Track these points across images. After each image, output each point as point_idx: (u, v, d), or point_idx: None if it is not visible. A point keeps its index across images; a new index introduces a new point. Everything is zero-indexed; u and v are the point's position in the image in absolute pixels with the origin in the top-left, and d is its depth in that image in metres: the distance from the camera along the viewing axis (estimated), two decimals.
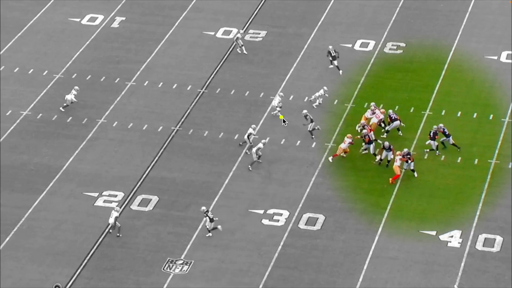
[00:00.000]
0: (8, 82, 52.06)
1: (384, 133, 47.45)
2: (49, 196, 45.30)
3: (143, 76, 52.72)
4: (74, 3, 58.60)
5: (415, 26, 56.32)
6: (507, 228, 42.85)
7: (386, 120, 47.59)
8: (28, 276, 41.20)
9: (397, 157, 44.99)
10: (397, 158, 44.97)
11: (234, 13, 57.50)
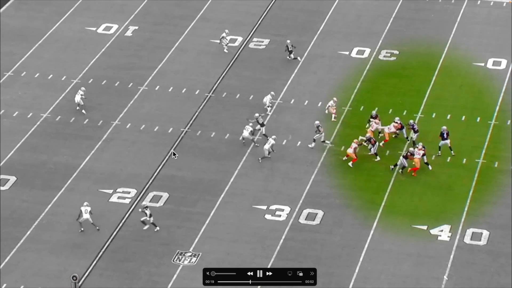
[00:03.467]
0: (29, 87, 52.12)
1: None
2: (67, 192, 45.31)
3: (155, 81, 52.72)
4: (90, 14, 58.64)
5: (408, 35, 56.30)
6: (493, 223, 42.82)
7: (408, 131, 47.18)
8: (47, 267, 41.23)
9: (419, 151, 44.84)
10: (419, 152, 44.84)
11: (239, 23, 57.51)
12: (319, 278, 40.15)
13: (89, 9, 59.04)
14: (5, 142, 48.39)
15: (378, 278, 40.35)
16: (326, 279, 40.39)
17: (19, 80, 52.97)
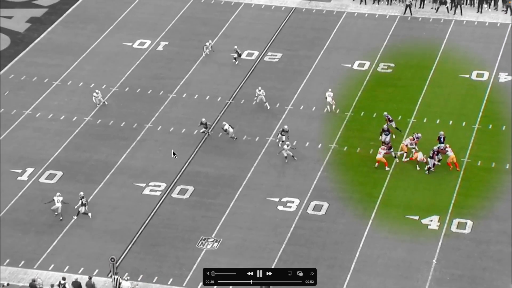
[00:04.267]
0: (74, 94, 52.28)
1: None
2: (106, 186, 45.37)
3: (182, 90, 52.75)
4: (127, 31, 58.76)
5: (403, 50, 56.13)
6: (476, 214, 42.68)
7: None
8: (89, 250, 41.31)
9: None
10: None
11: (255, 39, 57.49)
12: (325, 261, 40.32)
13: (126, 27, 59.18)
14: (54, 142, 48.54)
15: (375, 262, 40.25)
16: (330, 262, 40.33)
17: (65, 88, 53.10)
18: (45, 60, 55.75)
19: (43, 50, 56.93)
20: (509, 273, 39.56)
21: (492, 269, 39.80)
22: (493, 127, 48.82)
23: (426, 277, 39.46)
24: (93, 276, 39.10)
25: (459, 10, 59.42)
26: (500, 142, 47.63)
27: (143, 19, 60.02)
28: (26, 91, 52.87)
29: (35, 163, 46.86)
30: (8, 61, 55.70)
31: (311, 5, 61.05)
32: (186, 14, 60.38)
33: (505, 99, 51.17)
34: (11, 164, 46.76)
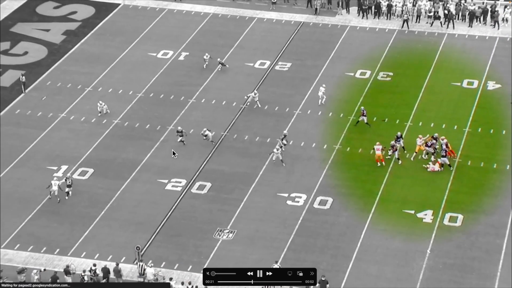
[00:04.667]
0: (104, 99, 52.36)
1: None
2: (132, 182, 45.51)
3: (201, 95, 52.84)
4: (151, 42, 58.90)
5: (400, 60, 56.05)
6: (467, 209, 42.62)
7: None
8: (117, 239, 41.45)
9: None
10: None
11: (267, 50, 57.53)
12: (329, 250, 40.32)
13: (151, 39, 59.31)
14: (86, 142, 48.71)
15: (375, 251, 40.25)
16: (334, 251, 40.34)
17: (96, 94, 53.25)
18: (78, 69, 55.94)
19: (77, 60, 57.13)
20: (496, 262, 39.51)
21: (480, 258, 39.75)
22: (482, 130, 48.73)
23: (420, 265, 39.43)
24: (120, 263, 39.23)
25: (452, 25, 59.34)
26: (488, 144, 47.55)
27: (166, 32, 60.16)
28: (62, 96, 53.08)
29: (69, 161, 47.04)
30: (45, 69, 55.93)
31: (317, 20, 61.07)
32: (205, 28, 60.51)
33: (493, 105, 51.06)
34: (48, 162, 46.98)
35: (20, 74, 54.09)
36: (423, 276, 38.91)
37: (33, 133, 49.37)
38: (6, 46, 58.42)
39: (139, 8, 63.13)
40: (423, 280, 38.73)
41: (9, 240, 41.55)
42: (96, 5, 63.33)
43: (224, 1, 63.67)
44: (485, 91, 52.39)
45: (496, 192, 43.79)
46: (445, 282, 38.57)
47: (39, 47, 58.34)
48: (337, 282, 38.52)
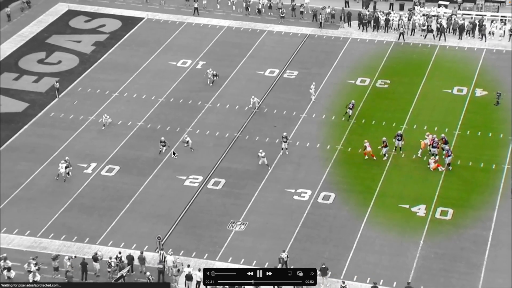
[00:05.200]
0: (129, 104, 52.49)
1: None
2: (154, 178, 45.55)
3: (216, 100, 52.82)
4: (172, 53, 58.91)
5: (397, 69, 55.89)
6: (456, 204, 42.52)
7: None
8: (140, 230, 41.52)
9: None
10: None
11: (276, 59, 57.46)
12: (332, 241, 40.25)
13: (171, 50, 59.35)
14: (112, 142, 48.79)
15: (373, 242, 40.18)
16: (336, 242, 40.28)
17: (122, 99, 53.33)
18: (106, 76, 56.03)
19: (105, 68, 57.22)
20: (483, 252, 39.40)
21: (468, 249, 39.62)
22: (470, 133, 48.52)
23: (414, 255, 39.33)
24: (144, 251, 39.30)
25: (443, 37, 59.13)
26: (476, 145, 47.34)
27: (185, 43, 60.18)
28: (91, 101, 53.18)
29: (97, 159, 47.13)
30: (77, 77, 56.06)
31: (322, 32, 60.97)
32: (220, 39, 60.49)
33: (481, 110, 50.84)
34: (78, 160, 47.09)
35: (55, 81, 54.25)
36: (416, 265, 38.80)
37: (66, 134, 49.49)
38: (42, 55, 58.63)
39: (161, 22, 63.21)
40: (417, 268, 38.62)
41: (44, 230, 41.71)
42: (122, 19, 63.45)
43: (238, 15, 63.67)
44: (473, 97, 52.16)
45: (483, 189, 43.62)
46: (436, 270, 38.44)
47: (72, 57, 58.49)
48: (338, 269, 38.46)
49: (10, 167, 46.51)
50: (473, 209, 42.21)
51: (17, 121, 50.99)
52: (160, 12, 64.31)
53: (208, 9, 64.24)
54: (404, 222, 41.45)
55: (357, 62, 56.88)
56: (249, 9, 63.61)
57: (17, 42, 60.09)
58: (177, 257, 39.03)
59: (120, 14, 64.07)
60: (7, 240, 41.07)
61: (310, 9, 62.89)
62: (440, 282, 37.79)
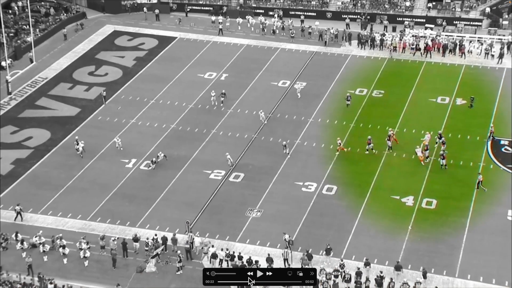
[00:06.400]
0: (164, 109, 52.58)
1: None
2: (184, 172, 45.56)
3: (237, 106, 52.70)
4: (199, 66, 58.81)
5: (390, 82, 55.49)
6: (440, 195, 42.27)
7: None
8: (173, 216, 41.51)
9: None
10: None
11: (288, 72, 57.23)
12: (334, 226, 40.05)
13: (199, 64, 59.27)
14: (150, 141, 48.84)
15: (369, 227, 40.05)
16: (337, 227, 40.14)
17: (158, 105, 53.37)
18: (145, 86, 56.09)
19: (144, 79, 57.29)
20: (461, 236, 39.16)
21: (449, 233, 39.38)
22: (452, 135, 48.09)
23: (403, 238, 39.06)
24: (176, 233, 39.32)
25: (429, 55, 58.67)
26: (457, 146, 46.87)
27: (211, 58, 60.12)
28: (132, 107, 53.27)
29: (137, 155, 47.20)
30: (120, 86, 56.17)
31: (327, 50, 60.69)
32: (241, 55, 60.37)
33: (461, 116, 50.38)
34: (121, 156, 47.20)
35: (102, 90, 54.44)
36: (405, 246, 38.58)
37: (111, 134, 49.60)
38: (92, 69, 58.86)
39: (191, 41, 63.21)
40: (405, 249, 38.40)
41: (92, 214, 41.89)
42: (159, 38, 63.53)
43: (255, 35, 63.55)
44: (455, 105, 51.70)
45: (462, 183, 43.26)
46: (423, 251, 38.21)
47: (116, 70, 58.64)
48: (339, 250, 38.30)
49: (65, 162, 46.74)
50: (454, 200, 41.87)
51: (71, 123, 51.22)
52: (191, 32, 64.32)
53: (230, 30, 64.16)
54: (395, 211, 41.19)
55: (356, 75, 56.57)
56: (265, 30, 63.48)
57: (72, 58, 60.37)
58: (203, 238, 39.01)
59: (157, 34, 64.15)
60: (62, 222, 41.29)
61: (317, 30, 62.64)
62: (425, 261, 37.52)
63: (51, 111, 52.86)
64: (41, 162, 46.94)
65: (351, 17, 65.03)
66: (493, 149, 46.10)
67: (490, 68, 56.78)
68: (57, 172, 45.59)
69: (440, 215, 40.72)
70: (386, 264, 37.44)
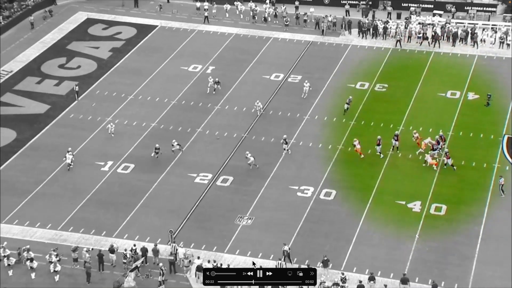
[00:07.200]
0: (143, 106, 52.55)
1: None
2: (167, 175, 45.59)
3: (225, 103, 52.81)
4: (183, 58, 58.92)
5: (394, 74, 55.77)
6: (449, 200, 42.46)
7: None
8: (154, 224, 41.57)
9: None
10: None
11: (281, 65, 57.41)
12: (333, 235, 40.18)
13: (183, 55, 59.38)
14: (128, 141, 48.87)
15: (371, 236, 40.15)
16: (337, 236, 40.22)
17: (137, 101, 53.39)
18: (122, 80, 56.10)
19: (121, 73, 57.29)
20: (474, 245, 39.34)
21: (461, 242, 39.56)
22: (463, 134, 48.41)
23: (410, 248, 39.26)
24: (157, 244, 39.33)
25: (438, 44, 59.02)
26: (468, 146, 47.24)
27: (196, 49, 60.20)
28: (108, 103, 53.26)
29: (114, 157, 47.20)
30: (95, 80, 56.16)
31: (324, 39, 60.91)
32: (229, 45, 60.50)
33: (473, 113, 50.72)
34: (96, 158, 47.18)
35: (74, 84, 54.40)
36: (412, 257, 38.74)
37: (84, 134, 49.58)
38: (63, 61, 58.77)
39: (173, 29, 63.26)
40: (412, 260, 38.56)
41: (64, 223, 41.81)
42: (137, 27, 63.53)
43: (245, 23, 63.67)
44: (466, 100, 52.03)
45: (474, 186, 43.53)
46: (431, 263, 38.37)
47: (90, 62, 58.60)
48: (339, 261, 38.42)
49: (33, 165, 46.64)
50: (466, 205, 42.13)
51: (39, 122, 51.13)
52: (173, 20, 64.36)
53: (217, 18, 64.27)
54: (401, 217, 41.38)
55: (357, 68, 56.79)
56: (256, 17, 63.61)
57: (40, 48, 60.24)
58: (188, 249, 39.02)
59: (135, 22, 64.14)
60: (30, 232, 41.18)
61: (313, 18, 62.84)
62: (434, 273, 37.71)
63: (17, 109, 52.73)
64: (6, 165, 46.83)
65: (351, 2, 65.30)
66: (509, 149, 46.42)
67: (505, 58, 57.19)
68: (24, 176, 45.48)
69: (451, 222, 40.95)
70: (391, 277, 37.59)
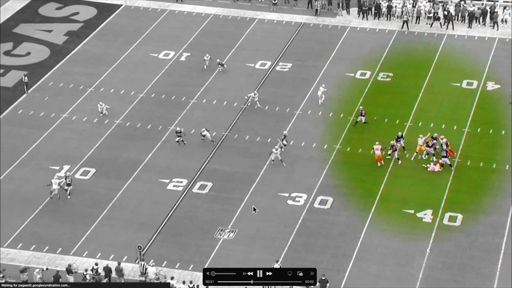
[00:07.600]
0: (106, 100, 52.36)
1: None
2: (134, 182, 45.50)
3: (202, 96, 52.82)
4: (153, 43, 58.88)
5: (400, 61, 56.00)
6: (466, 208, 42.60)
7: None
8: (119, 239, 41.43)
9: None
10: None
11: (268, 51, 57.50)
12: (330, 250, 40.27)
13: (152, 40, 59.32)
14: (88, 142, 48.72)
15: (375, 251, 40.21)
16: (334, 251, 40.30)
17: (98, 94, 53.25)
18: (80, 69, 55.94)
19: (79, 60, 57.13)
20: (495, 261, 39.48)
21: (480, 258, 39.72)
22: (481, 130, 48.69)
23: (420, 264, 39.40)
24: (122, 262, 39.22)
25: (451, 26, 59.31)
26: (488, 144, 47.51)
27: (167, 32, 60.16)
28: (64, 96, 53.08)
29: (71, 161, 47.03)
30: (48, 70, 55.95)
31: (318, 20, 61.05)
32: (206, 28, 60.50)
33: (492, 106, 51.04)
34: (50, 162, 46.98)
35: (23, 74, 54.12)
36: (422, 275, 38.86)
37: (36, 133, 49.37)
38: (9, 47, 58.43)
39: (140, 9, 63.13)
40: (423, 279, 38.68)
41: (11, 239, 41.54)
42: (98, 6, 63.34)
43: (225, 2, 63.67)
44: (485, 91, 52.35)
45: (495, 192, 43.75)
46: (445, 282, 38.50)
47: (42, 48, 58.34)
48: (337, 281, 38.47)
49: None
50: (485, 214, 42.34)
51: None
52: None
53: None
54: (409, 228, 41.53)
55: (356, 54, 56.96)
56: None
57: None
58: (159, 268, 38.93)
59: (95, 0, 63.92)
60: None
61: None
62: None
63: None
64: None
65: None
66: None
67: None
68: None
69: (467, 234, 41.15)
70: None
